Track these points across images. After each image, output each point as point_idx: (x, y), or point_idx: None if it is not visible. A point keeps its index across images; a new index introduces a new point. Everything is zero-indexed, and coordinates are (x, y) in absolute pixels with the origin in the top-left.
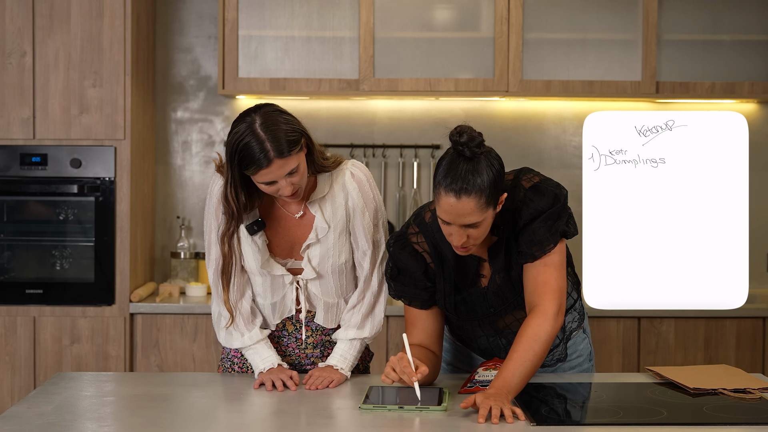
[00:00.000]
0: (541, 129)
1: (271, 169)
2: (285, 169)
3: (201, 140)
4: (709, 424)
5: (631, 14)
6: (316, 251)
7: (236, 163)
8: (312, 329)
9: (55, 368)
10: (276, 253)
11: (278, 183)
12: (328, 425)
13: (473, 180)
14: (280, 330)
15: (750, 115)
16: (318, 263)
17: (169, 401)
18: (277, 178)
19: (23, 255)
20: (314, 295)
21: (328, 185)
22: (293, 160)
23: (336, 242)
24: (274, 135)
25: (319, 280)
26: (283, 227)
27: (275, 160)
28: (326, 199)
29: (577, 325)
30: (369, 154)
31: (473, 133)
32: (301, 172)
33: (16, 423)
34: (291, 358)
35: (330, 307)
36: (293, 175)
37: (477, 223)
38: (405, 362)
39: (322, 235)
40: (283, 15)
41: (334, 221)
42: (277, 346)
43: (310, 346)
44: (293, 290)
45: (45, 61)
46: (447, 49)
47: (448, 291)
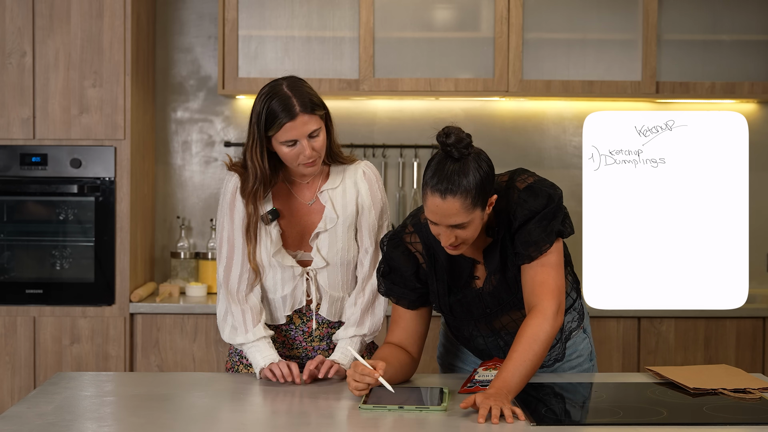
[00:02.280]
0: (541, 129)
1: (296, 124)
2: (309, 126)
3: (201, 140)
4: (709, 424)
5: (631, 14)
6: (324, 241)
7: (262, 123)
8: (318, 322)
9: (55, 368)
10: (287, 245)
11: (300, 144)
12: (328, 425)
13: (459, 181)
14: (288, 323)
15: (750, 115)
16: (327, 253)
17: (169, 401)
18: (300, 137)
19: (23, 255)
20: (322, 287)
21: (340, 178)
22: (317, 120)
23: (344, 235)
24: (300, 93)
25: (327, 271)
26: (295, 216)
27: (300, 114)
28: (337, 191)
29: (577, 325)
30: (369, 154)
31: (461, 134)
32: (321, 138)
33: (16, 423)
34: (298, 351)
35: (335, 301)
36: (314, 138)
37: (464, 223)
38: (361, 367)
39: (330, 225)
40: (283, 15)
41: (343, 214)
42: (285, 339)
43: (317, 338)
44: (303, 281)
45: (45, 61)
46: (447, 49)
47: (442, 292)
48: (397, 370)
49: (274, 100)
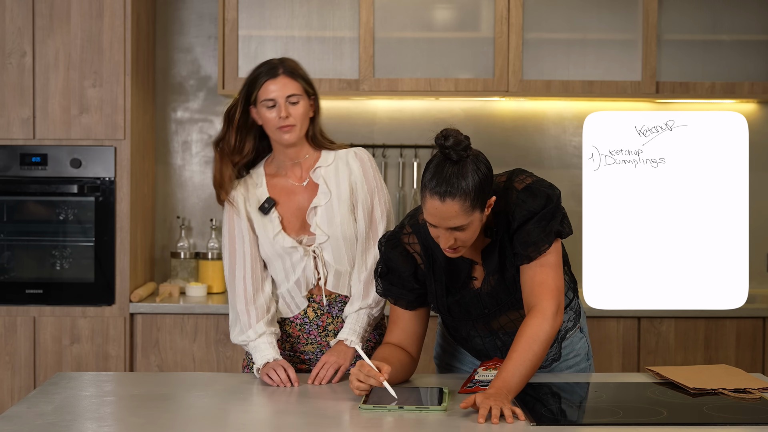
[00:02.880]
0: (541, 129)
1: (276, 83)
2: (288, 88)
3: (201, 140)
4: (709, 424)
5: (631, 14)
6: (323, 216)
7: (247, 86)
8: (333, 316)
9: (55, 368)
10: (289, 231)
11: (278, 105)
12: (328, 425)
13: (458, 183)
14: (302, 317)
15: (750, 115)
16: (327, 227)
17: (169, 401)
18: (279, 98)
19: (23, 255)
20: (328, 262)
21: (332, 158)
22: (297, 86)
23: (340, 210)
24: (287, 62)
25: (331, 245)
26: (292, 201)
27: (282, 75)
28: (330, 169)
29: (573, 325)
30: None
31: (459, 136)
32: (301, 107)
33: (16, 423)
34: (312, 347)
35: (340, 275)
36: (294, 105)
37: (462, 226)
38: (367, 368)
39: (325, 200)
40: (283, 15)
41: (337, 190)
42: (300, 333)
43: (332, 333)
44: (311, 260)
45: (45, 61)
46: (447, 49)
47: (440, 293)
48: (398, 370)
49: (263, 66)
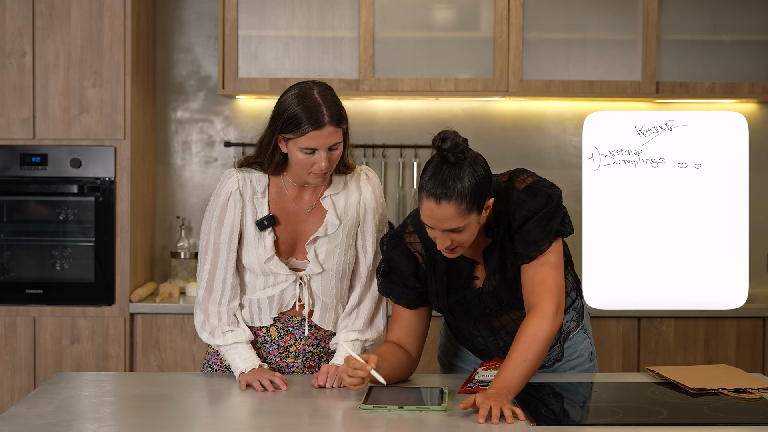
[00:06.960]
0: (541, 129)
1: (321, 134)
2: (332, 138)
3: (201, 140)
4: (709, 424)
5: (631, 14)
6: (323, 246)
7: (281, 122)
8: (296, 337)
9: (55, 368)
10: (279, 252)
11: (317, 154)
12: (328, 425)
13: (454, 185)
14: (264, 335)
15: (750, 115)
16: (324, 259)
17: (169, 401)
18: (321, 147)
19: (23, 255)
20: (315, 293)
21: (342, 183)
22: (340, 134)
23: (344, 241)
24: (330, 103)
25: (322, 277)
26: (291, 222)
27: (328, 125)
28: (340, 195)
29: (576, 325)
30: (369, 154)
31: (457, 139)
32: (339, 152)
33: (16, 423)
34: (271, 366)
35: (327, 308)
36: (333, 150)
37: (459, 228)
38: (353, 362)
39: (332, 231)
40: (283, 15)
41: (345, 218)
42: (258, 352)
43: (292, 355)
44: (295, 287)
45: (45, 61)
46: (447, 49)
47: (441, 293)
48: (394, 367)
49: (303, 104)
